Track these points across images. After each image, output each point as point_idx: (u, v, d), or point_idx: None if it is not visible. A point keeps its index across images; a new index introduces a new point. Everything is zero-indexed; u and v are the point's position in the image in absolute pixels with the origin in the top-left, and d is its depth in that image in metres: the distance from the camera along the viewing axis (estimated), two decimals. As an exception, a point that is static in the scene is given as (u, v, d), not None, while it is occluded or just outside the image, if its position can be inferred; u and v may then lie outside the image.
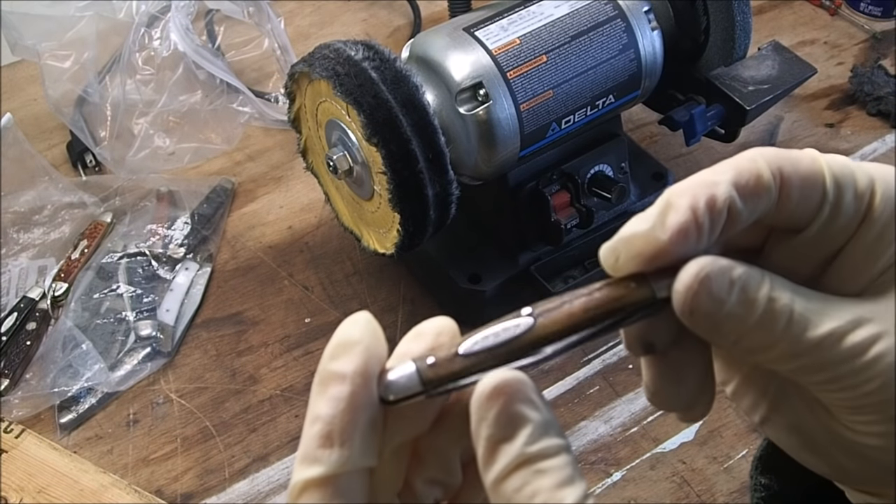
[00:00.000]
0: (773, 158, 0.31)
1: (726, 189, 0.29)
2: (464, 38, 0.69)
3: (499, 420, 0.28)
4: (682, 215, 0.28)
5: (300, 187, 0.93)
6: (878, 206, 0.29)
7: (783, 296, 0.28)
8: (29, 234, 0.88)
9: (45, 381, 0.76)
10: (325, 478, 0.28)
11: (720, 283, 0.28)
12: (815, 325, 0.28)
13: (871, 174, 0.30)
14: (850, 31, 1.09)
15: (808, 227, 0.30)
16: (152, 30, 0.91)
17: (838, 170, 0.30)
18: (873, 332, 0.28)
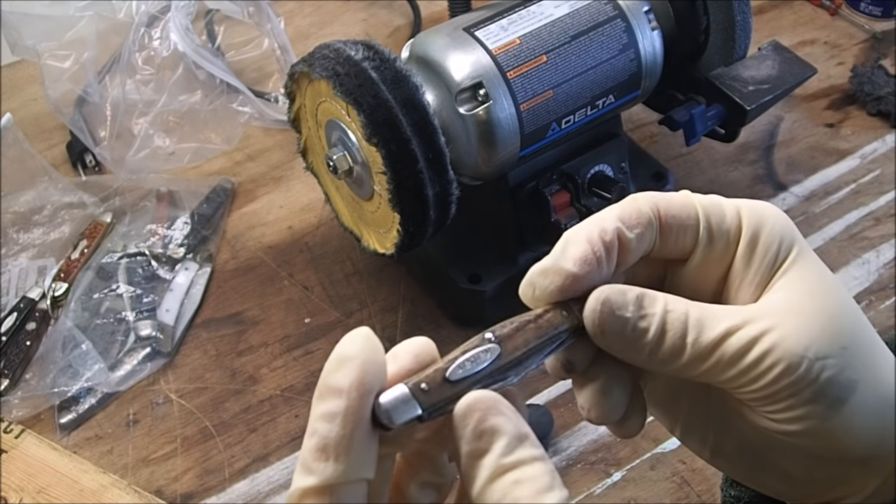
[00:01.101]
0: (649, 198, 0.35)
1: (613, 223, 0.34)
2: (464, 38, 0.69)
3: (475, 434, 0.29)
4: (580, 246, 0.33)
5: (300, 187, 0.93)
6: (745, 230, 0.34)
7: (678, 307, 0.33)
8: (29, 234, 0.88)
9: (45, 381, 0.76)
10: (320, 488, 0.29)
11: (620, 302, 0.33)
12: (711, 327, 0.32)
13: (737, 205, 0.36)
14: (850, 31, 1.09)
15: (693, 255, 0.35)
16: (152, 30, 0.91)
17: (707, 204, 0.36)
18: (762, 327, 0.32)
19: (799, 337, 0.31)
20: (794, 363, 0.31)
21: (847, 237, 0.88)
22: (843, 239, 0.88)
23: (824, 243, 0.87)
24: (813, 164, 0.95)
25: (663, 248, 0.35)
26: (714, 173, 0.94)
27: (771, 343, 0.31)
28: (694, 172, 0.94)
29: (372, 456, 0.30)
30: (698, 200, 0.36)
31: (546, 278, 0.33)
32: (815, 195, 0.92)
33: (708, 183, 0.93)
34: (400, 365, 0.32)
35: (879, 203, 0.91)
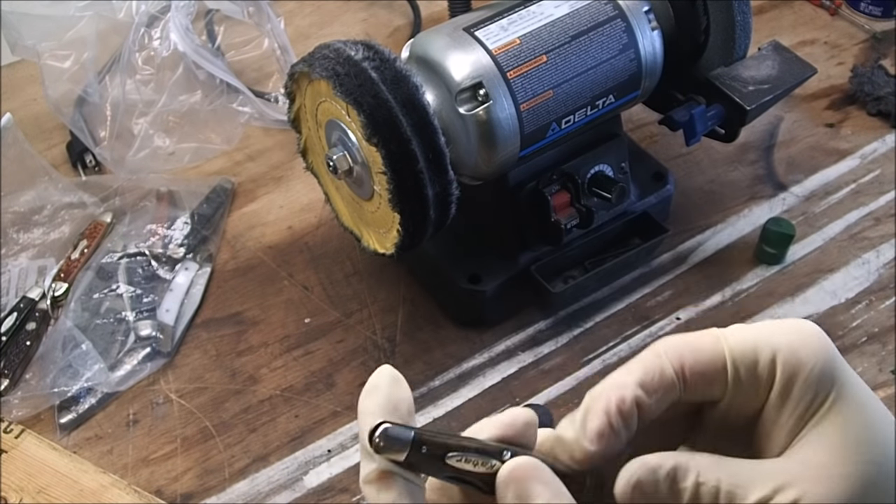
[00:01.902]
0: (674, 352, 0.35)
1: (633, 391, 0.34)
2: (464, 38, 0.69)
3: (516, 497, 0.32)
4: (597, 420, 0.34)
5: (300, 187, 0.93)
6: (778, 379, 0.33)
7: (710, 478, 0.32)
8: (29, 234, 0.87)
9: (45, 381, 0.76)
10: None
11: (651, 482, 0.33)
12: (743, 497, 0.32)
13: (774, 349, 0.34)
14: (850, 31, 1.09)
15: (721, 401, 0.35)
16: (152, 30, 0.91)
17: (739, 351, 0.34)
18: (792, 498, 0.32)
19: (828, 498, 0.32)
20: None
21: (847, 237, 0.88)
22: (843, 239, 0.88)
23: (824, 243, 0.87)
24: (813, 164, 0.95)
25: (688, 397, 0.35)
26: (714, 173, 0.94)
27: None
28: (694, 172, 0.94)
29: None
30: (729, 350, 0.35)
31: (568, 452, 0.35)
32: (815, 195, 0.92)
33: (708, 183, 0.93)
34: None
35: (879, 203, 0.91)
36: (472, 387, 0.78)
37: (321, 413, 0.76)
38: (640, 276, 0.85)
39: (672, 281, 0.85)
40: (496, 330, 0.81)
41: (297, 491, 0.72)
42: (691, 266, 0.86)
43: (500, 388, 0.78)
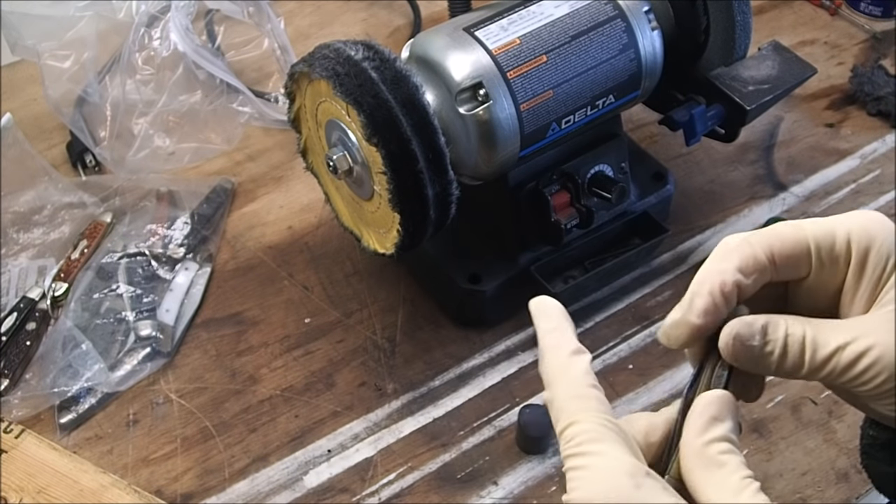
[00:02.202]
0: (763, 241, 0.41)
1: (732, 275, 0.40)
2: (464, 38, 0.69)
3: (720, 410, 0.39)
4: (703, 299, 0.40)
5: (300, 187, 0.93)
6: (854, 253, 0.40)
7: (797, 330, 0.39)
8: (29, 234, 0.87)
9: (45, 381, 0.76)
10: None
11: (747, 334, 0.39)
12: (824, 346, 0.38)
13: (848, 228, 0.40)
14: (850, 31, 1.09)
15: (808, 278, 0.41)
16: (152, 30, 0.91)
17: (819, 234, 0.40)
18: (867, 344, 0.38)
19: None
20: (894, 372, 0.38)
21: (847, 237, 0.88)
22: (843, 239, 0.87)
23: (824, 243, 0.87)
24: (813, 164, 0.95)
25: (779, 277, 0.41)
26: (714, 173, 0.94)
27: (875, 356, 0.38)
28: (694, 172, 0.94)
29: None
30: (810, 232, 0.40)
31: (677, 329, 0.41)
32: (815, 195, 0.92)
33: (708, 183, 0.93)
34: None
35: (879, 203, 0.91)
36: (472, 387, 0.78)
37: (321, 413, 0.76)
38: (640, 276, 0.85)
39: (672, 281, 0.85)
40: (496, 330, 0.81)
41: (297, 491, 0.72)
42: (691, 266, 0.86)
43: (500, 388, 0.78)
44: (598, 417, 0.38)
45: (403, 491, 0.72)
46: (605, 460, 0.37)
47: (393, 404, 0.77)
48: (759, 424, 0.75)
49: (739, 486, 0.36)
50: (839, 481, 0.72)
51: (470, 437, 0.75)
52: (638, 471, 0.36)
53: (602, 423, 0.38)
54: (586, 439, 0.37)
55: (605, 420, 0.38)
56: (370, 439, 0.75)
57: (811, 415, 0.75)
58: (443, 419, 0.76)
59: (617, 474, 0.36)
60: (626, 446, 0.37)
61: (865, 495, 0.71)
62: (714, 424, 0.38)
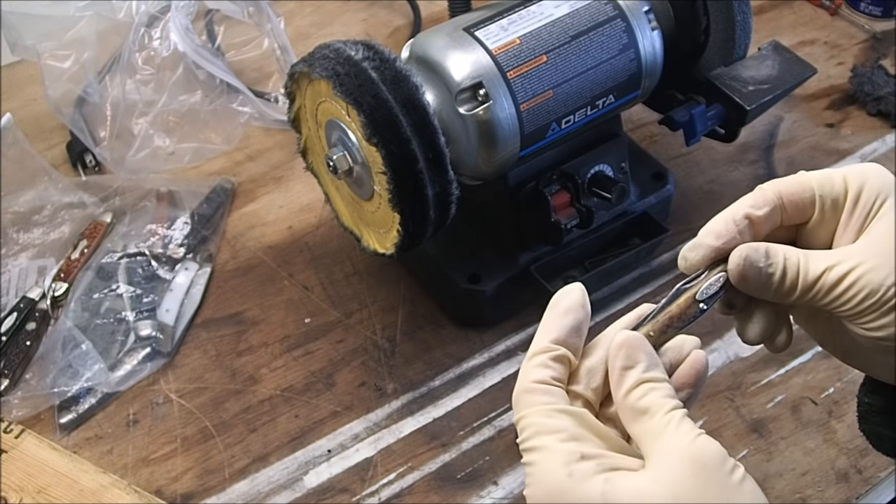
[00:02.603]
0: (772, 185, 0.46)
1: (743, 208, 0.45)
2: (464, 38, 0.69)
3: (627, 356, 0.42)
4: (717, 224, 0.45)
5: (300, 187, 0.93)
6: (850, 191, 0.44)
7: (793, 254, 0.44)
8: (29, 234, 0.88)
9: (45, 381, 0.76)
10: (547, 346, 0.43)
11: (754, 256, 0.44)
12: (815, 267, 0.43)
13: (844, 173, 0.45)
14: (850, 31, 1.09)
15: (812, 223, 0.46)
16: (152, 30, 0.91)
17: (820, 178, 0.45)
18: (851, 264, 0.42)
19: (879, 269, 0.42)
20: (874, 289, 0.42)
21: (847, 237, 0.88)
22: (843, 239, 0.87)
23: (824, 243, 0.87)
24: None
25: (789, 218, 0.46)
26: (714, 173, 0.94)
27: (857, 275, 0.42)
28: (694, 172, 0.94)
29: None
30: (813, 177, 0.45)
31: (694, 251, 0.45)
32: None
33: (708, 183, 0.93)
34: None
35: (879, 203, 0.90)
36: (472, 387, 0.78)
37: (321, 413, 0.76)
38: (639, 276, 0.85)
39: (672, 281, 0.85)
40: (496, 330, 0.81)
41: (297, 491, 0.72)
42: (691, 266, 0.86)
43: (500, 388, 0.78)
44: (541, 410, 0.41)
45: (403, 491, 0.72)
46: (543, 455, 0.40)
47: (393, 404, 0.77)
48: (759, 424, 0.75)
49: (663, 423, 0.40)
50: (839, 481, 0.72)
51: (470, 437, 0.75)
52: (572, 457, 0.39)
53: (545, 415, 0.41)
54: (531, 433, 0.40)
55: (548, 411, 0.41)
56: (370, 439, 0.75)
57: (811, 415, 0.75)
58: (443, 419, 0.76)
59: (553, 469, 0.39)
60: (565, 433, 0.40)
61: (865, 495, 0.71)
62: (625, 374, 0.42)
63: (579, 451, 0.39)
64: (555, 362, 0.43)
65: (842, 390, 0.77)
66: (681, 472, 0.38)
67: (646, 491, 0.38)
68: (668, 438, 0.39)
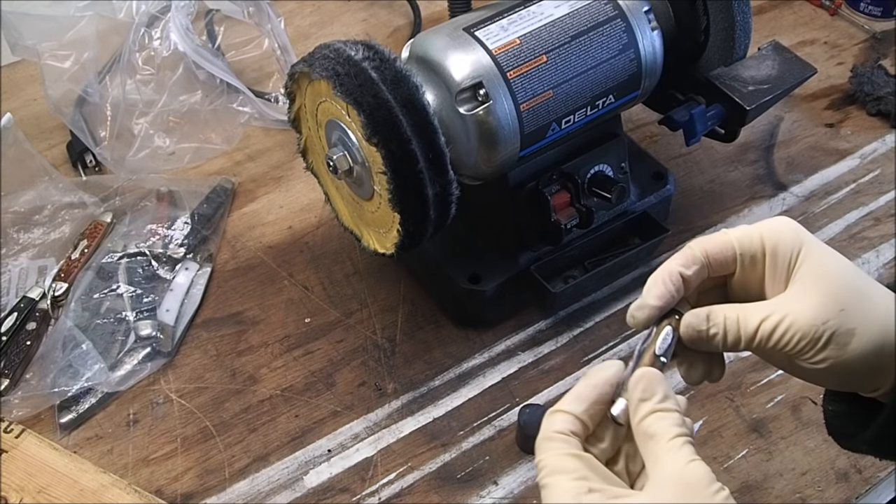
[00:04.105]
0: (698, 244, 0.51)
1: (676, 267, 0.51)
2: (464, 38, 0.69)
3: (644, 389, 0.47)
4: (657, 287, 0.51)
5: (300, 187, 0.93)
6: (767, 250, 0.51)
7: (731, 313, 0.50)
8: (29, 234, 0.88)
9: (45, 381, 0.76)
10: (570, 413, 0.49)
11: (696, 323, 0.51)
12: (752, 322, 0.49)
13: (760, 231, 0.51)
14: (850, 31, 1.09)
15: (737, 274, 0.52)
16: (152, 30, 0.91)
17: (739, 237, 0.51)
18: (782, 314, 0.48)
19: (807, 314, 0.48)
20: (806, 331, 0.48)
21: (847, 237, 0.88)
22: (843, 239, 0.88)
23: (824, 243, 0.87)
24: (813, 164, 0.95)
25: (715, 272, 0.52)
26: (714, 173, 0.94)
27: (788, 323, 0.48)
28: (694, 172, 0.94)
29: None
30: (733, 236, 0.51)
31: (642, 312, 0.51)
32: (815, 195, 0.92)
33: (708, 183, 0.93)
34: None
35: (879, 203, 0.91)
36: (472, 387, 0.78)
37: (321, 413, 0.77)
38: (639, 276, 0.85)
39: (672, 281, 0.85)
40: (496, 330, 0.81)
41: (297, 491, 0.72)
42: (691, 266, 0.86)
43: (500, 387, 0.78)
44: (556, 454, 0.47)
45: (403, 491, 0.72)
46: (556, 490, 0.46)
47: (393, 404, 0.77)
48: (759, 424, 0.75)
49: (665, 448, 0.45)
50: (839, 481, 0.72)
51: (470, 437, 0.75)
52: (581, 490, 0.45)
53: (560, 459, 0.47)
54: (546, 473, 0.47)
55: (562, 455, 0.47)
56: (370, 439, 0.75)
57: (811, 415, 0.75)
58: (443, 419, 0.76)
59: (565, 500, 0.45)
60: (576, 473, 0.46)
61: (865, 495, 0.72)
62: (641, 405, 0.47)
63: (587, 486, 0.45)
64: (575, 419, 0.48)
65: (842, 390, 0.77)
66: (671, 492, 0.44)
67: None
68: (667, 461, 0.45)
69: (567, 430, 0.48)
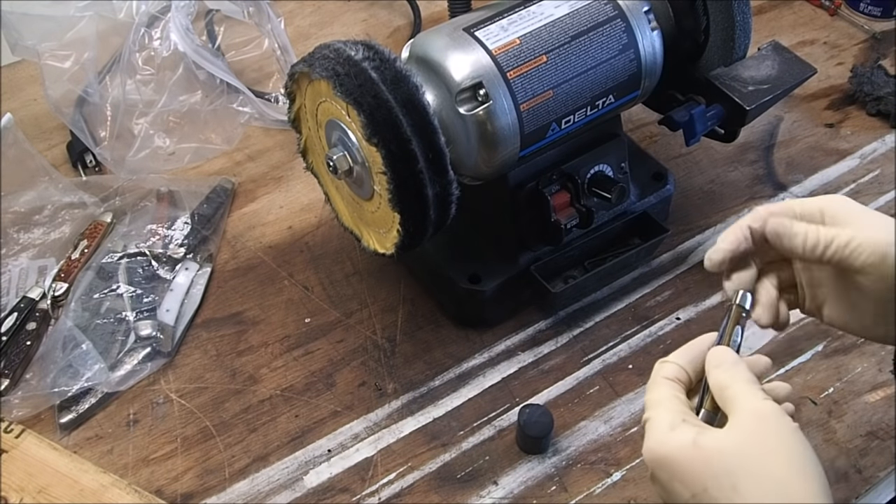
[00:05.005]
0: (765, 207, 0.58)
1: (745, 223, 0.57)
2: (464, 38, 0.69)
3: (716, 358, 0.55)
4: (731, 235, 0.58)
5: (300, 187, 0.93)
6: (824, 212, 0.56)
7: (809, 225, 0.56)
8: (29, 234, 0.88)
9: (45, 381, 0.76)
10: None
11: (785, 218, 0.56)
12: (829, 231, 0.55)
13: (816, 200, 0.57)
14: (850, 31, 1.09)
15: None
16: (152, 30, 0.91)
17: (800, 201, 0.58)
18: (850, 234, 0.54)
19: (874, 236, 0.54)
20: (875, 249, 0.54)
21: (847, 237, 0.88)
22: (843, 239, 0.87)
23: (824, 243, 0.87)
24: (813, 164, 0.95)
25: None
26: (714, 173, 0.94)
27: (860, 240, 0.54)
28: (694, 172, 0.94)
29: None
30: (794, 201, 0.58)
31: (717, 254, 0.58)
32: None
33: (708, 183, 0.93)
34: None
35: (879, 203, 0.91)
36: (472, 387, 0.78)
37: (321, 413, 0.77)
38: (639, 276, 0.85)
39: (672, 281, 0.85)
40: (496, 330, 0.81)
41: (297, 491, 0.72)
42: (691, 266, 0.86)
43: (500, 387, 0.78)
44: (660, 391, 0.55)
45: (403, 491, 0.72)
46: (655, 422, 0.53)
47: (393, 404, 0.77)
48: (758, 424, 0.75)
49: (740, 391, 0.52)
50: (839, 481, 0.72)
51: (470, 437, 0.75)
52: (676, 419, 0.52)
53: (663, 397, 0.54)
54: (652, 404, 0.54)
55: (665, 395, 0.54)
56: (370, 439, 0.75)
57: (811, 415, 0.75)
58: (443, 419, 0.76)
59: (661, 425, 0.53)
60: (673, 408, 0.53)
61: (865, 495, 0.72)
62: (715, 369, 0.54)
63: (681, 418, 0.53)
64: (680, 369, 0.56)
65: (841, 390, 0.77)
66: (749, 425, 0.51)
67: (722, 439, 0.51)
68: (742, 401, 0.52)
69: (673, 376, 0.56)
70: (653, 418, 0.54)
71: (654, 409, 0.54)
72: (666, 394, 0.55)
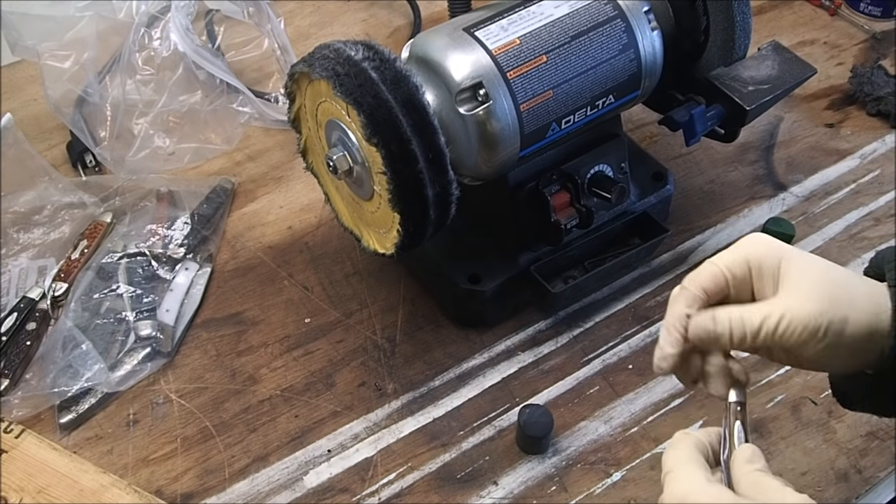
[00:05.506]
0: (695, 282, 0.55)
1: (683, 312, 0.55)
2: (464, 39, 0.69)
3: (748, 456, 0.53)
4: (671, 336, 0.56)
5: (300, 187, 0.93)
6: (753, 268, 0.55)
7: (735, 314, 0.53)
8: (29, 234, 0.88)
9: (45, 381, 0.76)
10: None
11: (705, 321, 0.54)
12: (754, 318, 0.53)
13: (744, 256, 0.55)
14: (850, 31, 1.09)
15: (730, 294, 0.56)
16: (152, 30, 0.91)
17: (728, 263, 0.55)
18: (780, 312, 0.52)
19: (804, 308, 0.52)
20: (807, 324, 0.51)
21: (847, 237, 0.88)
22: (843, 239, 0.88)
23: (824, 243, 0.87)
24: (813, 164, 0.95)
25: (713, 300, 0.55)
26: (714, 173, 0.94)
27: (790, 318, 0.52)
28: (694, 172, 0.94)
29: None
30: (722, 265, 0.55)
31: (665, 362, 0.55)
32: (814, 195, 0.92)
33: (708, 183, 0.93)
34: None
35: (879, 203, 0.91)
36: (472, 387, 0.78)
37: (321, 413, 0.77)
38: (639, 276, 0.85)
39: (672, 281, 0.85)
40: (496, 330, 0.81)
41: (297, 491, 0.72)
42: (691, 266, 0.86)
43: (500, 388, 0.78)
44: (682, 453, 0.53)
45: (403, 491, 0.72)
46: (680, 475, 0.52)
47: (393, 404, 0.77)
48: (759, 424, 0.75)
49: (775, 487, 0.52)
50: (839, 481, 0.72)
51: (470, 437, 0.75)
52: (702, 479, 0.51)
53: (685, 454, 0.53)
54: (673, 465, 0.53)
55: (688, 454, 0.53)
56: (370, 439, 0.75)
57: (811, 415, 0.75)
58: (443, 419, 0.76)
59: (688, 481, 0.52)
60: (697, 468, 0.52)
61: (865, 495, 0.72)
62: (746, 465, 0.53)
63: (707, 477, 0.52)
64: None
65: (842, 390, 0.77)
66: None
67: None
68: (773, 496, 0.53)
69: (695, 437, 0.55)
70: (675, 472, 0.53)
71: (676, 466, 0.53)
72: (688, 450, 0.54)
